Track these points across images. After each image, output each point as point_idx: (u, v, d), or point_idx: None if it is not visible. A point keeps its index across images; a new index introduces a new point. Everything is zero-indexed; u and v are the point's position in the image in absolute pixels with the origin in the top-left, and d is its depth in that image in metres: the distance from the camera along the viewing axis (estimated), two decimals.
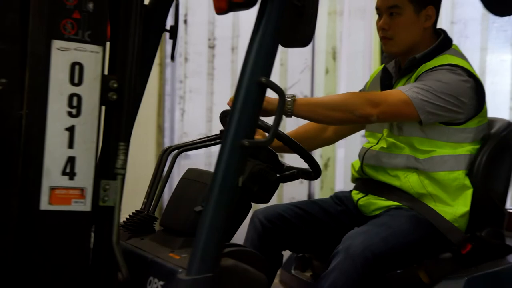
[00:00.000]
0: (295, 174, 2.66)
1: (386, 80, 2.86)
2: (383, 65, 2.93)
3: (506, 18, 5.16)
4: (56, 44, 1.96)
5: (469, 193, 2.66)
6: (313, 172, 2.62)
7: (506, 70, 5.17)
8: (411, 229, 2.58)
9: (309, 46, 5.33)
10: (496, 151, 2.73)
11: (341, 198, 2.92)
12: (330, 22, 5.21)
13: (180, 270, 2.11)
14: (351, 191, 2.94)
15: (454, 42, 5.22)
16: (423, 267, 2.54)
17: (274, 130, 2.10)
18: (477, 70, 5.07)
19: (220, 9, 2.09)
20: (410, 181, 2.68)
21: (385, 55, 2.89)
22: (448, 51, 2.76)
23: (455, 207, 2.64)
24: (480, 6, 5.01)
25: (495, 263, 2.54)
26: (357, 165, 2.89)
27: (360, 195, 2.84)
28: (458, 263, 2.53)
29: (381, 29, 2.75)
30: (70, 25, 1.98)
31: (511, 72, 5.14)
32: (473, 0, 5.20)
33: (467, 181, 2.67)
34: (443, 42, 2.79)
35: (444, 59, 2.70)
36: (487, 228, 2.59)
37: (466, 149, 2.69)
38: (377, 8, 2.77)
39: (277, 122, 2.11)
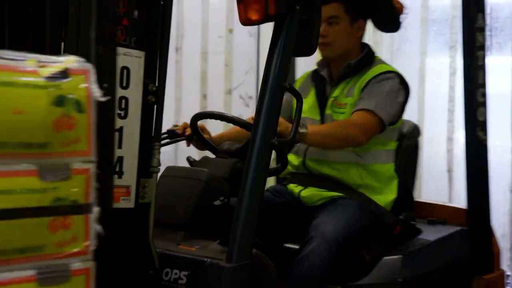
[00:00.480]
0: (278, 169, 2.98)
1: (321, 85, 3.29)
2: (311, 70, 3.40)
3: (444, 22, 5.62)
4: None
5: (396, 182, 3.16)
6: (282, 165, 2.90)
7: (444, 72, 5.56)
8: (360, 216, 3.01)
9: (254, 47, 5.63)
10: (409, 148, 3.29)
11: (278, 191, 3.29)
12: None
13: (207, 259, 2.39)
14: (284, 185, 3.32)
15: (396, 45, 5.62)
16: (366, 248, 2.96)
17: (295, 130, 2.48)
18: (417, 73, 5.52)
19: (249, 21, 2.40)
20: (350, 174, 3.12)
21: (320, 63, 3.33)
22: (379, 61, 3.26)
23: (386, 194, 3.13)
24: (419, 10, 5.47)
25: (413, 241, 3.03)
26: (296, 160, 3.26)
27: (300, 187, 3.22)
28: (389, 243, 3.00)
29: (320, 36, 3.13)
30: (120, 31, 2.21)
31: (449, 74, 5.53)
32: (412, 4, 5.62)
33: (394, 172, 3.17)
34: (370, 53, 3.26)
35: (382, 67, 3.19)
36: (403, 213, 3.11)
37: (392, 145, 3.21)
38: None
39: (297, 123, 2.50)
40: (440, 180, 5.63)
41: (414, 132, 3.35)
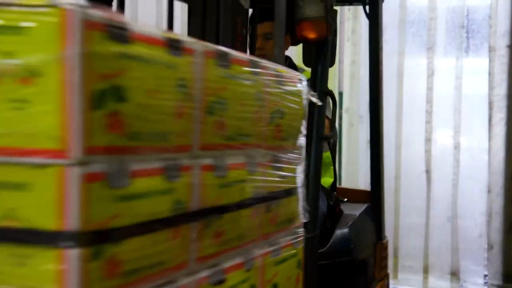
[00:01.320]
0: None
1: None
2: None
3: (422, 23, 6.19)
4: None
5: (332, 168, 3.91)
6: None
7: (422, 73, 6.11)
8: (322, 196, 3.65)
9: None
10: (335, 144, 4.14)
11: None
12: None
13: None
14: None
15: None
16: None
17: (334, 128, 3.28)
18: (395, 74, 6.07)
19: (305, 39, 3.09)
20: None
21: None
22: (302, 69, 3.83)
23: (327, 178, 3.85)
24: (397, 11, 6.02)
25: (347, 216, 3.77)
26: None
27: None
28: (333, 220, 3.70)
29: (258, 49, 3.90)
30: (238, 47, 2.79)
31: (426, 76, 6.08)
32: (390, 5, 6.17)
33: (331, 159, 3.91)
34: (292, 62, 3.94)
35: (306, 74, 3.89)
36: (332, 194, 3.85)
37: None
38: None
39: (334, 119, 3.28)
40: (418, 180, 6.15)
41: (336, 131, 4.15)
